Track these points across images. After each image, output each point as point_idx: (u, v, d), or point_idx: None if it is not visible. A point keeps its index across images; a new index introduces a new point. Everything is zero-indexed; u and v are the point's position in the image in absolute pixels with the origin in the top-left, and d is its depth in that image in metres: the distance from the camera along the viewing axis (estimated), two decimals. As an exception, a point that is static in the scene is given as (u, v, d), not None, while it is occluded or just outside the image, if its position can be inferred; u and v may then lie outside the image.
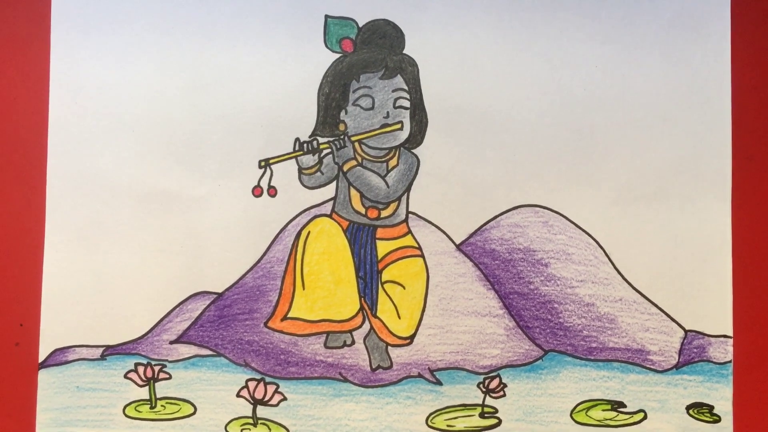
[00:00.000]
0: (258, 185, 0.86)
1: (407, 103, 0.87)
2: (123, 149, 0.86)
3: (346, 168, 0.87)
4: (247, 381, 0.86)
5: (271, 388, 0.86)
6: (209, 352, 0.86)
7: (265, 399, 0.86)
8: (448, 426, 0.86)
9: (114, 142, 0.86)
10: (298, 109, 0.86)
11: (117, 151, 0.86)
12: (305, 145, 0.86)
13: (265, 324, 0.86)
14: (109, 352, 0.86)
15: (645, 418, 0.86)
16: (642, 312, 0.87)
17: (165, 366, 0.86)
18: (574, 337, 0.87)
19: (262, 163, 0.86)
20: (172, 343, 0.86)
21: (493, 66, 0.87)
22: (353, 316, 0.86)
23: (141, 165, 0.86)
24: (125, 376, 0.86)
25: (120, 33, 0.86)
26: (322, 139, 0.87)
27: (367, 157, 0.87)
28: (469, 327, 0.86)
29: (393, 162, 0.87)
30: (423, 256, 0.87)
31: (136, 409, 0.86)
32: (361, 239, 0.87)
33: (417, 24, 0.87)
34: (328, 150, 0.86)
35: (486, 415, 0.86)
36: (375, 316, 0.86)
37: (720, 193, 0.87)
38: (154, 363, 0.86)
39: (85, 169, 0.86)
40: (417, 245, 0.87)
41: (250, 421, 0.86)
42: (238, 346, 0.86)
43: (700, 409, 0.86)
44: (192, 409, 0.86)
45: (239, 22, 0.87)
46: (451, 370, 0.86)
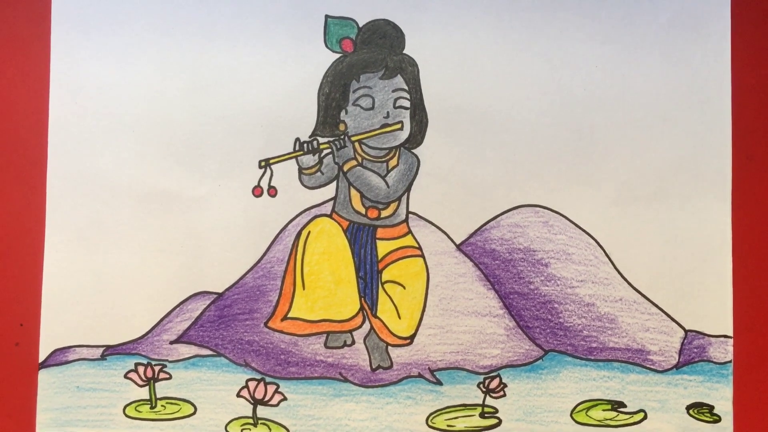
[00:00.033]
0: (258, 185, 0.86)
1: (407, 103, 0.87)
2: (123, 149, 0.86)
3: (346, 168, 0.87)
4: (248, 381, 0.86)
5: (271, 388, 0.86)
6: (209, 352, 0.86)
7: (266, 399, 0.86)
8: (449, 426, 0.86)
9: (114, 142, 0.86)
10: (298, 109, 0.86)
11: (117, 151, 0.86)
12: (305, 145, 0.86)
13: (266, 324, 0.86)
14: (110, 352, 0.86)
15: (645, 418, 0.86)
16: (642, 312, 0.87)
17: (165, 366, 0.86)
18: (574, 337, 0.86)
19: (262, 163, 0.86)
20: (172, 343, 0.86)
21: (493, 66, 0.87)
22: (353, 316, 0.86)
23: (141, 165, 0.86)
24: (125, 376, 0.86)
25: (120, 33, 0.86)
26: (322, 139, 0.87)
27: (367, 157, 0.87)
28: (469, 327, 0.86)
29: (393, 162, 0.87)
30: (423, 256, 0.87)
31: (137, 409, 0.86)
32: (361, 239, 0.87)
33: (417, 24, 0.87)
34: (328, 150, 0.86)
35: (486, 415, 0.86)
36: (375, 316, 0.86)
37: (720, 193, 0.87)
38: (154, 363, 0.86)
39: (85, 169, 0.86)
40: (417, 245, 0.87)
41: (251, 421, 0.86)
42: (239, 346, 0.86)
43: (701, 409, 0.86)
44: (192, 409, 0.86)
45: (239, 22, 0.87)
46: (451, 370, 0.86)
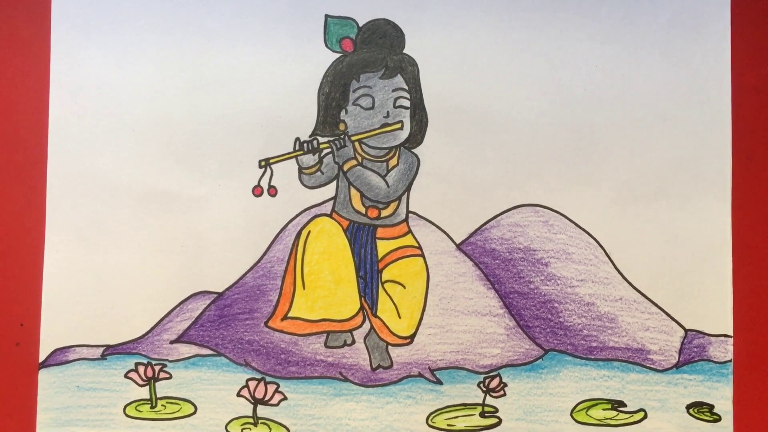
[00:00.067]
0: (258, 185, 0.86)
1: (407, 103, 0.87)
2: (123, 149, 0.86)
3: (346, 167, 0.87)
4: (248, 380, 0.86)
5: (271, 388, 0.86)
6: (209, 352, 0.86)
7: (266, 398, 0.86)
8: (449, 425, 0.86)
9: (114, 142, 0.86)
10: (298, 109, 0.86)
11: (117, 151, 0.86)
12: (305, 144, 0.86)
13: (266, 323, 0.86)
14: (110, 351, 0.86)
15: (645, 417, 0.86)
16: (642, 311, 0.87)
17: (165, 365, 0.86)
18: (574, 337, 0.87)
19: (262, 163, 0.86)
20: (172, 342, 0.86)
21: (493, 66, 0.87)
22: (353, 316, 0.86)
23: (141, 165, 0.86)
24: (125, 376, 0.86)
25: (120, 33, 0.86)
26: (322, 139, 0.87)
27: (367, 156, 0.87)
28: (469, 326, 0.86)
29: (393, 161, 0.87)
30: (423, 255, 0.87)
31: (137, 409, 0.86)
32: (361, 239, 0.87)
33: (417, 24, 0.87)
34: (329, 150, 0.86)
35: (486, 414, 0.86)
36: (375, 315, 0.86)
37: (720, 193, 0.87)
38: (154, 362, 0.86)
39: (85, 169, 0.86)
40: (417, 245, 0.87)
41: (251, 420, 0.86)
42: (239, 346, 0.86)
43: (700, 409, 0.86)
44: (192, 408, 0.86)
45: (239, 22, 0.87)
46: (451, 370, 0.86)
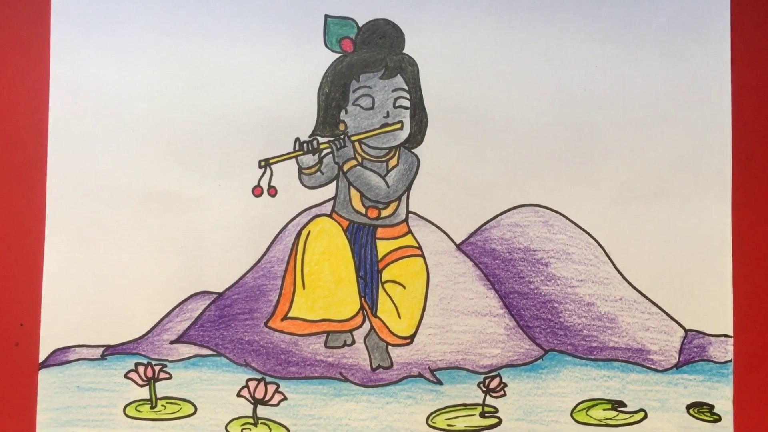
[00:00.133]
0: (258, 185, 0.86)
1: (407, 103, 0.87)
2: (123, 149, 0.86)
3: (346, 168, 0.87)
4: (248, 381, 0.86)
5: (271, 388, 0.86)
6: (209, 352, 0.86)
7: (266, 399, 0.86)
8: (449, 425, 0.86)
9: (114, 142, 0.86)
10: (298, 109, 0.86)
11: (117, 151, 0.86)
12: (305, 144, 0.86)
13: (266, 324, 0.86)
14: (110, 352, 0.86)
15: (645, 417, 0.86)
16: (642, 311, 0.87)
17: (165, 366, 0.86)
18: (574, 337, 0.86)
19: (262, 163, 0.86)
20: (172, 342, 0.86)
21: (493, 66, 0.87)
22: (353, 316, 0.86)
23: (141, 165, 0.86)
24: (125, 376, 0.86)
25: (120, 33, 0.86)
26: (322, 139, 0.87)
27: (367, 156, 0.87)
28: (469, 326, 0.86)
29: (393, 162, 0.87)
30: (423, 255, 0.87)
31: (137, 409, 0.85)
32: (361, 239, 0.87)
33: (417, 24, 0.87)
34: (328, 150, 0.86)
35: (486, 414, 0.86)
36: (375, 315, 0.86)
37: (720, 193, 0.87)
38: (154, 363, 0.86)
39: (85, 169, 0.86)
40: (417, 245, 0.87)
41: (251, 420, 0.86)
42: (239, 346, 0.86)
43: (701, 409, 0.86)
44: (192, 408, 0.86)
45: (239, 22, 0.87)
46: (451, 370, 0.86)
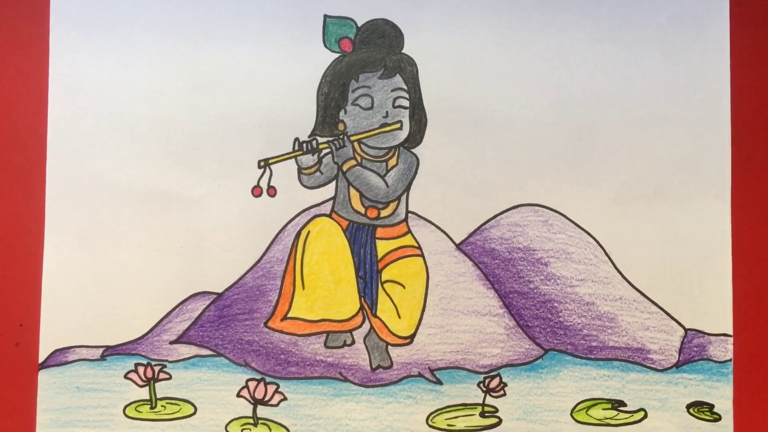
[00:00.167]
0: (257, 185, 0.86)
1: (406, 103, 0.87)
2: (123, 149, 0.86)
3: (345, 168, 0.87)
4: (248, 381, 0.86)
5: (271, 388, 0.86)
6: (209, 352, 0.86)
7: (266, 399, 0.86)
8: (449, 425, 0.86)
9: (114, 143, 0.86)
10: (297, 109, 0.86)
11: (117, 151, 0.86)
12: (304, 144, 0.86)
13: (265, 324, 0.86)
14: (109, 352, 0.86)
15: (645, 416, 0.86)
16: (642, 311, 0.87)
17: (165, 366, 0.86)
18: (574, 336, 0.86)
19: (262, 163, 0.86)
20: (172, 343, 0.86)
21: (492, 66, 0.87)
22: (353, 316, 0.86)
23: (141, 165, 0.86)
24: (125, 377, 0.86)
25: (120, 33, 0.86)
26: (321, 139, 0.87)
27: (366, 156, 0.87)
28: (469, 326, 0.86)
29: (392, 161, 0.87)
30: (423, 255, 0.87)
31: (137, 410, 0.85)
32: (360, 239, 0.87)
33: (416, 23, 0.87)
34: (328, 150, 0.86)
35: (486, 414, 0.86)
36: (375, 315, 0.86)
37: (719, 192, 0.87)
38: (154, 363, 0.86)
39: (84, 169, 0.86)
40: (417, 245, 0.87)
41: (251, 421, 0.86)
42: (238, 346, 0.86)
43: (701, 408, 0.86)
44: (192, 409, 0.85)
45: (239, 22, 0.87)
46: (451, 370, 0.86)
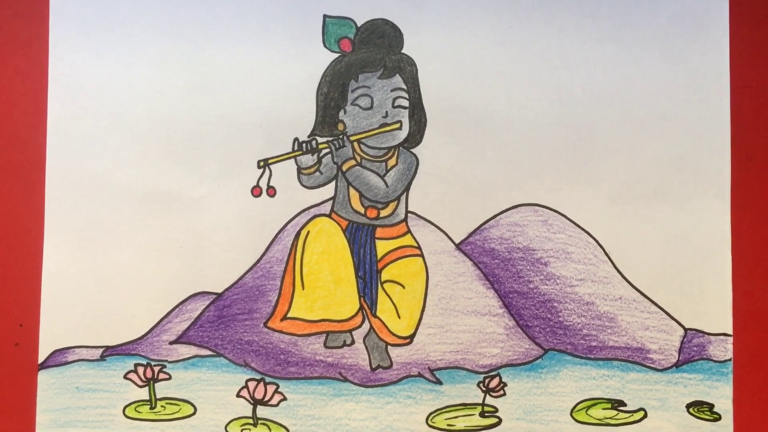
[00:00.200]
0: (257, 185, 0.86)
1: (406, 103, 0.87)
2: (122, 149, 0.86)
3: (345, 168, 0.87)
4: (247, 381, 0.86)
5: (271, 388, 0.86)
6: (209, 353, 0.86)
7: (265, 399, 0.85)
8: (449, 425, 0.86)
9: (113, 143, 0.86)
10: (297, 109, 0.87)
11: (116, 151, 0.86)
12: (304, 144, 0.86)
13: (265, 324, 0.86)
14: (109, 352, 0.86)
15: (645, 416, 0.86)
16: (642, 310, 0.87)
17: (165, 366, 0.86)
18: (573, 336, 0.86)
19: (261, 163, 0.86)
20: (171, 343, 0.86)
21: (492, 66, 0.87)
22: (353, 316, 0.86)
23: (141, 165, 0.86)
24: (125, 377, 0.86)
25: (119, 33, 0.87)
26: (321, 139, 0.87)
27: (366, 156, 0.87)
28: (468, 326, 0.86)
29: (392, 161, 0.87)
30: (422, 255, 0.87)
31: (136, 410, 0.85)
32: (360, 239, 0.87)
33: (416, 23, 0.87)
34: (327, 150, 0.86)
35: (486, 414, 0.86)
36: (375, 315, 0.86)
37: (719, 192, 0.87)
38: (153, 363, 0.86)
39: (84, 169, 0.86)
40: (416, 245, 0.87)
41: (250, 421, 0.86)
42: (238, 347, 0.86)
43: (701, 408, 0.86)
44: (192, 409, 0.85)
45: (238, 22, 0.87)
46: (451, 370, 0.86)
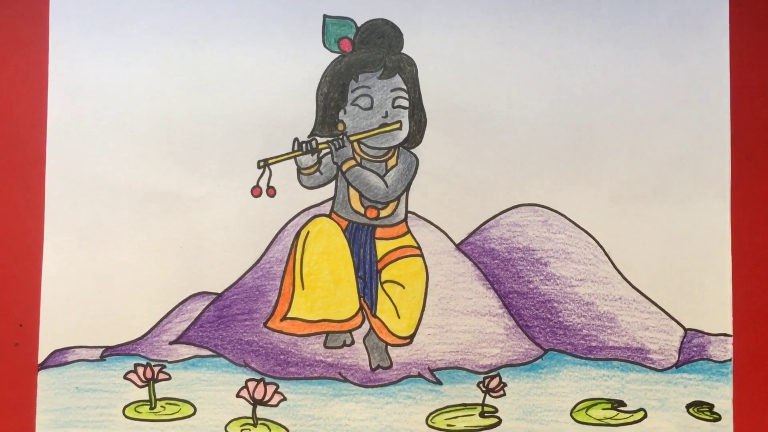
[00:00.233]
0: (257, 185, 0.86)
1: (406, 103, 0.87)
2: (122, 149, 0.86)
3: (345, 168, 0.87)
4: (247, 381, 0.86)
5: (270, 389, 0.86)
6: (209, 353, 0.86)
7: (265, 399, 0.85)
8: (449, 425, 0.86)
9: (113, 143, 0.86)
10: (297, 109, 0.86)
11: (116, 151, 0.86)
12: (304, 145, 0.86)
13: (265, 324, 0.86)
14: (109, 352, 0.86)
15: (645, 416, 0.86)
16: (642, 311, 0.87)
17: (164, 366, 0.86)
18: (573, 336, 0.86)
19: (261, 164, 0.86)
20: (171, 343, 0.86)
21: (492, 66, 0.87)
22: (353, 316, 0.86)
23: (140, 165, 0.86)
24: (125, 377, 0.86)
25: (119, 33, 0.86)
26: (321, 139, 0.87)
27: (366, 156, 0.87)
28: (468, 326, 0.86)
29: (392, 161, 0.87)
30: (422, 255, 0.87)
31: (136, 410, 0.85)
32: (360, 239, 0.87)
33: (416, 23, 0.87)
34: (327, 150, 0.86)
35: (486, 414, 0.86)
36: (374, 315, 0.86)
37: (719, 192, 0.87)
38: (153, 363, 0.86)
39: (84, 169, 0.86)
40: (416, 245, 0.87)
41: (250, 421, 0.86)
42: (238, 347, 0.86)
43: (700, 408, 0.86)
44: (192, 409, 0.85)
45: (238, 22, 0.87)
46: (450, 370, 0.86)
